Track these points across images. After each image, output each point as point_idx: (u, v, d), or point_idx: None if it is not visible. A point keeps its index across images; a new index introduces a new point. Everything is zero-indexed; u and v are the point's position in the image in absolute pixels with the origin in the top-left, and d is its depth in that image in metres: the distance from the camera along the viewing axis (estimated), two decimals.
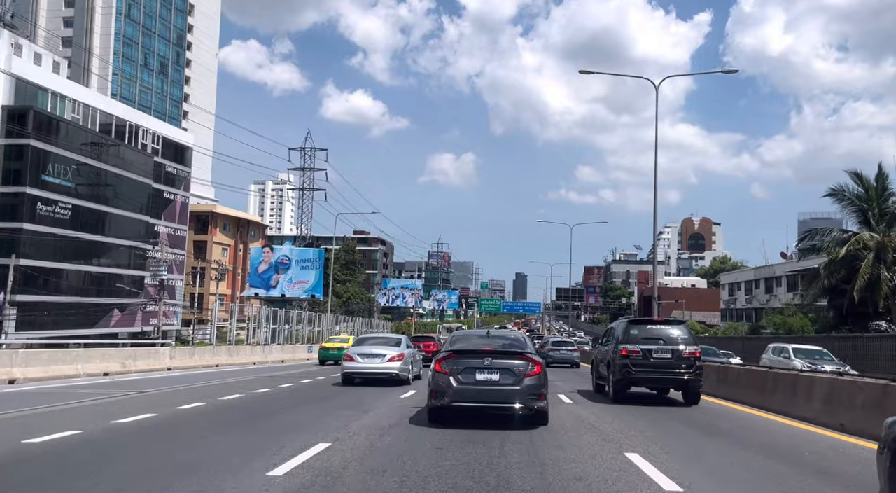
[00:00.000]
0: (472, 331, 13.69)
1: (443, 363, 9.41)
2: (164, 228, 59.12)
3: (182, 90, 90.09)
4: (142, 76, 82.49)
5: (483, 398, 9.20)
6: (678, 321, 15.01)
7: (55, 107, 47.99)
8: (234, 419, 10.26)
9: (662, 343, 13.23)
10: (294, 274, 49.91)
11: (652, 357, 13.03)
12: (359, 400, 13.13)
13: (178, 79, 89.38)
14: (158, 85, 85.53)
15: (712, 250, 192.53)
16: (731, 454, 7.99)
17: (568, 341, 36.66)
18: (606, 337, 15.67)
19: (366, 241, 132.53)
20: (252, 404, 12.56)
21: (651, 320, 16.05)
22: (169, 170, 60.15)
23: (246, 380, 18.95)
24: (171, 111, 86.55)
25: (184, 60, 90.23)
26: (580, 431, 9.30)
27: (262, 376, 21.18)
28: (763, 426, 10.56)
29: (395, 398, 13.72)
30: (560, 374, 24.15)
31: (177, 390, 15.20)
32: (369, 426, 9.31)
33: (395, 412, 10.97)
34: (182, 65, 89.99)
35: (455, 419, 9.34)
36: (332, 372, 22.56)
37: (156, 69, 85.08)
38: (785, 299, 51.84)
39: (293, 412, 11.27)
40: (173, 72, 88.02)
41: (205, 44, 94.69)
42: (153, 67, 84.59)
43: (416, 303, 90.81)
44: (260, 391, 15.26)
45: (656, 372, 13.06)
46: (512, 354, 9.56)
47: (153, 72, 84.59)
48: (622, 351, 13.18)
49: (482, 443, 7.80)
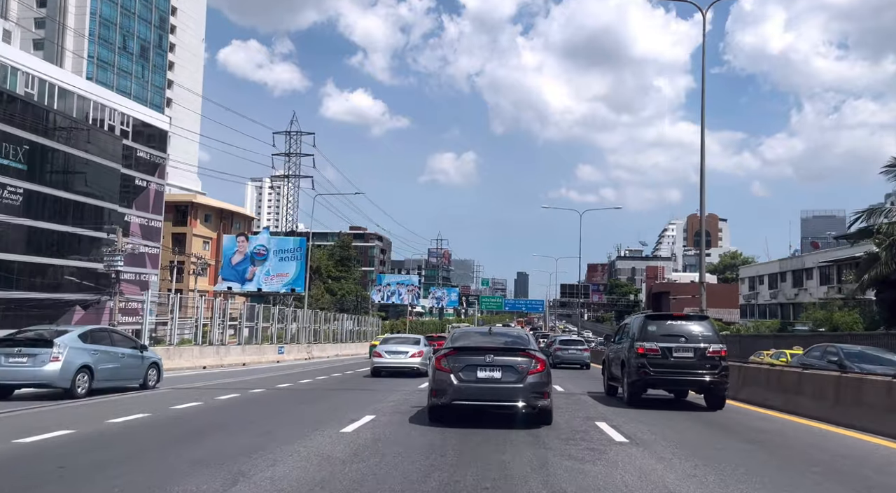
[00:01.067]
0: (473, 328, 12.58)
1: (443, 361, 9.25)
2: (135, 217, 54.17)
3: (165, 77, 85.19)
4: (120, 60, 77.61)
5: (485, 397, 9.12)
6: (701, 317, 13.45)
7: (4, 80, 43.09)
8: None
9: (683, 341, 12.14)
10: (272, 266, 44.88)
11: (672, 356, 11.96)
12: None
13: (161, 64, 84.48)
14: (139, 70, 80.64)
15: (718, 246, 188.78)
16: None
17: (577, 339, 33.79)
18: (619, 335, 14.57)
19: (362, 236, 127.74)
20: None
21: (671, 315, 14.87)
22: (141, 154, 55.16)
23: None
24: (153, 98, 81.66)
25: (167, 44, 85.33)
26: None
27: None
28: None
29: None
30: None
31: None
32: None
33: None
34: (165, 49, 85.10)
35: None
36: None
37: (136, 53, 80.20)
38: (818, 293, 46.88)
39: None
40: (155, 56, 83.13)
41: (190, 27, 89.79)
42: (133, 51, 79.72)
43: (413, 300, 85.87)
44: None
45: (677, 373, 12.01)
46: (514, 351, 9.38)
47: (133, 56, 79.71)
48: (638, 349, 12.12)
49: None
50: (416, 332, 79.33)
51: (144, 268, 55.23)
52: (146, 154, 55.78)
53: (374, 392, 14.69)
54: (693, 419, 10.87)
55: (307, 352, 36.55)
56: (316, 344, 39.87)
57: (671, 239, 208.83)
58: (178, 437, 8.17)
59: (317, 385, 17.30)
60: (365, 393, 14.73)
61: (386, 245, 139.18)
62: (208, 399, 12.63)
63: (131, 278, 53.18)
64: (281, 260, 40.92)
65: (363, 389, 16.05)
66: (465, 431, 8.62)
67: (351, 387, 16.77)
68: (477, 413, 9.47)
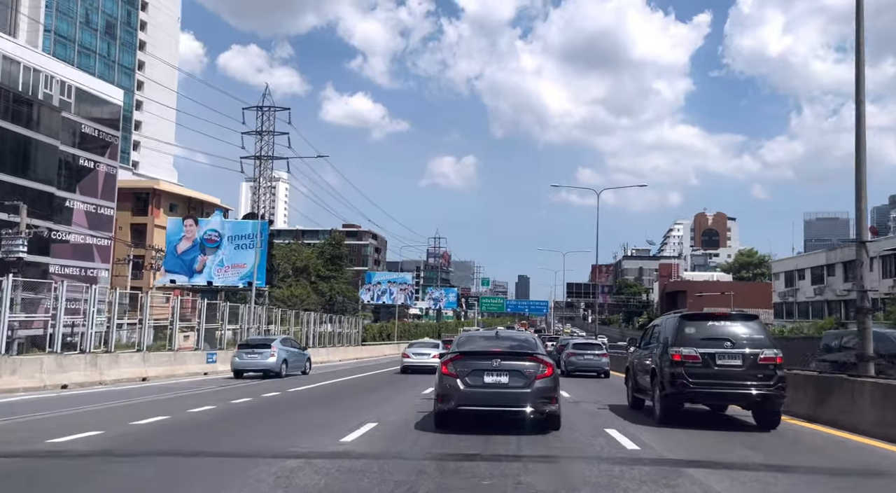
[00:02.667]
0: (479, 332, 12.39)
1: (449, 366, 9.20)
2: (79, 203, 46.82)
3: (134, 57, 77.93)
4: (82, 36, 70.30)
5: (492, 402, 9.06)
6: (749, 316, 11.28)
7: None
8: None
9: (729, 345, 10.27)
10: (227, 255, 37.25)
11: (716, 365, 10.14)
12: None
13: (130, 42, 77.19)
14: (104, 48, 73.35)
15: (727, 246, 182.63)
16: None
17: (594, 342, 29.34)
18: (646, 339, 12.51)
19: (355, 234, 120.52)
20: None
21: (713, 314, 12.02)
22: (87, 131, 47.77)
23: None
24: (121, 80, 74.35)
25: (136, 21, 78.04)
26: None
27: None
28: None
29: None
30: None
31: None
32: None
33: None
34: (134, 27, 77.81)
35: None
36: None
37: (101, 29, 72.91)
38: (882, 287, 39.44)
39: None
40: (123, 34, 75.84)
41: (164, 4, 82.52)
42: (97, 27, 72.42)
43: (407, 300, 78.33)
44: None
45: (722, 385, 10.08)
46: (522, 355, 9.31)
47: (97, 32, 72.41)
48: (674, 356, 10.26)
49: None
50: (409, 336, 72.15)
51: (92, 262, 47.91)
52: (93, 131, 48.41)
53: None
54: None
55: None
56: None
57: (677, 239, 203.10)
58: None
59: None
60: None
61: (381, 244, 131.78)
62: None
63: (75, 273, 45.90)
64: (237, 248, 33.20)
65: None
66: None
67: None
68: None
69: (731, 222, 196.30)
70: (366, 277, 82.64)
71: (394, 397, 14.83)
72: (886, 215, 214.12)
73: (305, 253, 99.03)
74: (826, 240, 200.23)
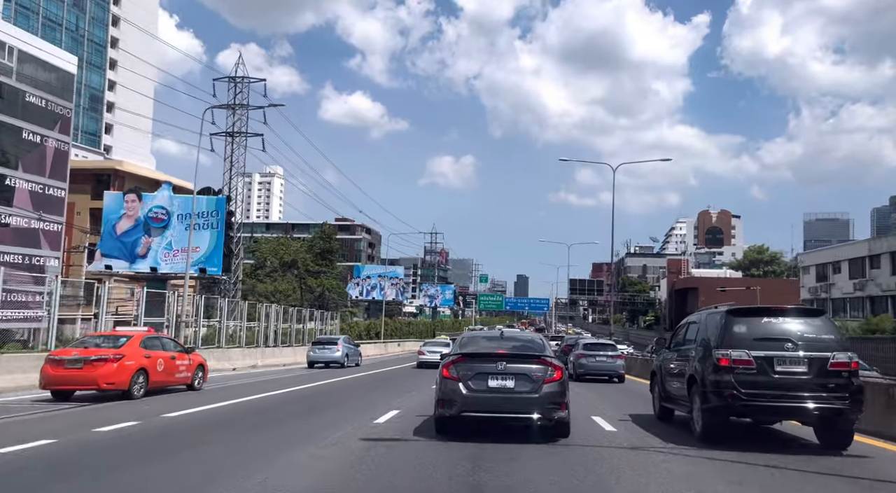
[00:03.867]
0: (483, 332, 11.24)
1: (451, 368, 8.68)
2: (22, 182, 41.16)
3: (107, 33, 72.30)
4: (46, 6, 64.68)
5: (497, 408, 8.54)
6: (814, 310, 9.75)
7: None
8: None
9: (791, 347, 8.47)
10: (176, 237, 31.33)
11: (774, 371, 8.37)
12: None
13: (101, 17, 71.57)
14: (71, 20, 67.72)
15: (731, 244, 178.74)
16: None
17: (607, 342, 27.28)
18: (676, 339, 11.04)
19: (348, 228, 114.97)
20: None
21: (768, 308, 9.33)
22: (33, 100, 42.17)
23: None
24: (91, 57, 68.85)
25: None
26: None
27: None
28: None
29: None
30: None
31: None
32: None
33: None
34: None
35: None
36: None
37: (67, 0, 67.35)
38: None
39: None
40: (93, 6, 70.19)
41: None
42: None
43: (398, 295, 72.75)
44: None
45: (783, 397, 8.26)
46: (528, 357, 8.80)
47: (63, 3, 66.79)
48: (720, 360, 8.59)
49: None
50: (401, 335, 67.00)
51: (39, 249, 42.32)
52: (40, 101, 42.78)
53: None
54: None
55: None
56: (215, 349, 26.71)
57: (680, 238, 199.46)
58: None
59: None
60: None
61: (375, 239, 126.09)
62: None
63: (17, 261, 40.40)
64: (189, 228, 27.52)
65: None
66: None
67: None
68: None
69: (735, 220, 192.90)
70: (354, 270, 76.99)
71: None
72: (887, 217, 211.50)
73: (294, 247, 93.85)
74: (826, 240, 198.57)
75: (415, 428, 9.41)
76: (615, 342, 30.99)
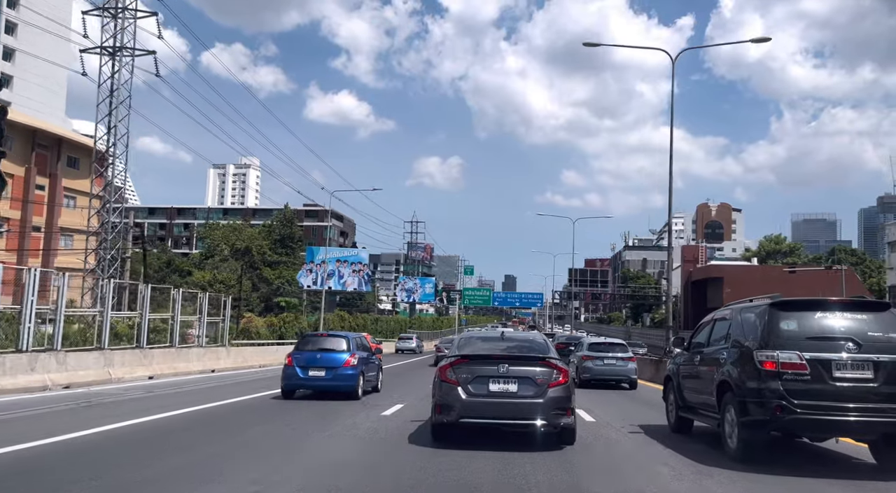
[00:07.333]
0: (482, 332, 11.38)
1: (449, 371, 8.15)
2: None
3: None
4: None
5: (498, 413, 8.00)
6: (881, 304, 8.03)
7: None
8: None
9: (853, 349, 7.05)
10: None
11: (832, 377, 6.92)
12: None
13: None
14: None
15: (732, 239, 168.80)
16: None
17: (617, 342, 23.23)
18: (699, 337, 9.47)
19: (315, 214, 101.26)
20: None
21: (821, 301, 7.67)
22: None
23: None
24: None
25: None
26: None
27: None
28: None
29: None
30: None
31: None
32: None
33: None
34: None
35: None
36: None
37: None
38: None
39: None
40: None
41: None
42: None
43: (361, 285, 59.73)
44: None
45: (844, 409, 6.82)
46: (532, 359, 8.27)
47: None
48: (765, 364, 7.15)
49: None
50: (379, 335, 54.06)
51: None
52: None
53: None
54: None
55: None
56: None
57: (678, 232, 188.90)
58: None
59: None
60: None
61: (348, 226, 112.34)
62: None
63: None
64: None
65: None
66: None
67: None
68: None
69: (736, 214, 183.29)
70: (307, 253, 63.75)
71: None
72: (874, 218, 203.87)
73: (248, 233, 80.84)
74: (814, 241, 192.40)
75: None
76: (627, 343, 25.46)
